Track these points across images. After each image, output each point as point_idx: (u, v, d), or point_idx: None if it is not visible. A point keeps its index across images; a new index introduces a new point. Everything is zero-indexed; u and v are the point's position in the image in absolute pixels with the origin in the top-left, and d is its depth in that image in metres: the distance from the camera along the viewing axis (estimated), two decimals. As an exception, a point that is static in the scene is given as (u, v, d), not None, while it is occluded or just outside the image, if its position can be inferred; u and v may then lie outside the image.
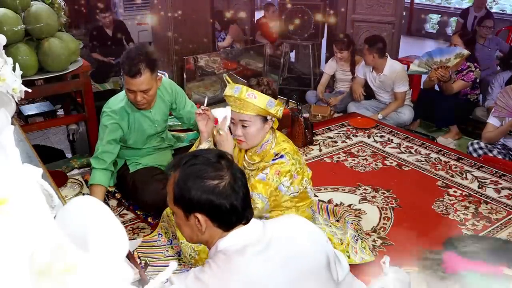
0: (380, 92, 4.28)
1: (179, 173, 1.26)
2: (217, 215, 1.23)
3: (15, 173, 0.42)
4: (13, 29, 2.24)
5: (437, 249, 2.11)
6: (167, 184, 1.31)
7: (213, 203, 1.21)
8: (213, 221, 1.23)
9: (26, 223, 0.38)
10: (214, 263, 1.21)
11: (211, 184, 1.21)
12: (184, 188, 1.22)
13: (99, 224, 0.43)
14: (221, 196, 1.21)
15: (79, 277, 0.38)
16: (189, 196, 1.22)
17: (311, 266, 1.25)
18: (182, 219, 1.28)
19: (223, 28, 5.94)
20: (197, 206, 1.22)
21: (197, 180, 1.22)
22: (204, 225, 1.23)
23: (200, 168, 1.24)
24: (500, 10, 8.28)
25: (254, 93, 1.94)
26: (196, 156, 1.29)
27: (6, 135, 0.47)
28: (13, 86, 1.05)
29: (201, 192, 1.21)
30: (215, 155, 1.29)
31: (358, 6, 4.85)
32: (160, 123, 2.63)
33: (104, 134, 2.48)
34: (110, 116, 2.48)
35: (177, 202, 1.26)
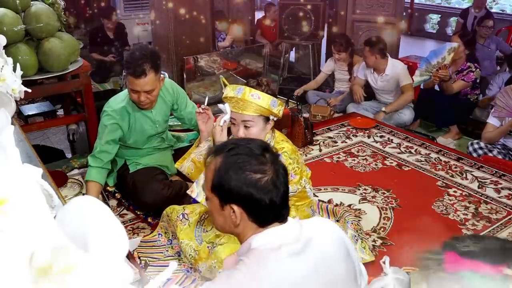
0: (382, 93, 4.28)
1: (221, 160, 1.21)
2: (255, 210, 1.19)
3: (15, 173, 0.42)
4: (13, 29, 2.24)
5: (437, 249, 2.11)
6: (206, 168, 1.26)
7: (253, 197, 1.17)
8: (249, 215, 1.19)
9: (26, 223, 0.38)
10: (247, 262, 1.16)
11: (253, 177, 1.17)
12: (225, 177, 1.18)
13: (99, 224, 0.43)
14: (262, 191, 1.17)
15: (79, 277, 0.38)
16: (228, 186, 1.17)
17: (341, 273, 1.22)
18: (216, 207, 1.23)
19: (223, 28, 5.94)
20: (236, 197, 1.18)
21: (239, 171, 1.17)
22: (239, 217, 1.19)
23: (244, 159, 1.19)
24: (500, 10, 8.28)
25: (257, 93, 1.94)
26: (240, 145, 1.24)
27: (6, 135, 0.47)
28: (13, 87, 1.05)
29: (242, 184, 1.16)
30: (260, 146, 1.24)
31: (358, 6, 4.85)
32: (161, 124, 2.64)
33: (103, 134, 2.49)
34: (111, 116, 2.48)
35: (215, 189, 1.22)
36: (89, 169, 2.51)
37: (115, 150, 2.54)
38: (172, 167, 2.73)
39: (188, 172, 2.30)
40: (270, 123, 2.03)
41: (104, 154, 2.50)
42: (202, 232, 2.26)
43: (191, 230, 2.27)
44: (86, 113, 2.73)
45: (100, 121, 2.55)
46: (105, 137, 2.48)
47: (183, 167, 2.30)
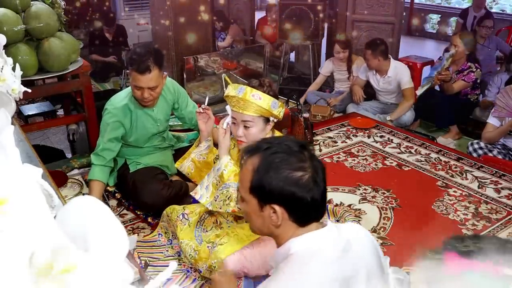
0: (384, 94, 4.29)
1: (259, 160, 1.17)
2: (296, 209, 1.15)
3: (15, 173, 0.42)
4: (13, 29, 2.24)
5: (437, 249, 2.11)
6: (242, 169, 1.22)
7: (295, 196, 1.13)
8: (290, 214, 1.16)
9: (26, 223, 0.38)
10: (288, 268, 1.12)
11: (295, 175, 1.13)
12: (265, 177, 1.14)
13: (99, 224, 0.43)
14: (304, 189, 1.13)
15: (79, 277, 0.38)
16: (270, 186, 1.14)
17: (375, 272, 1.20)
18: (255, 209, 1.19)
19: (223, 28, 5.94)
20: (277, 197, 1.14)
21: (280, 170, 1.14)
22: (281, 218, 1.15)
23: (283, 157, 1.16)
24: (500, 10, 8.27)
25: (258, 94, 1.94)
26: (276, 143, 1.20)
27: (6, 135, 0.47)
28: (13, 87, 1.05)
29: (284, 184, 1.13)
30: (297, 144, 1.21)
31: (358, 6, 4.85)
32: (162, 122, 2.64)
33: (105, 132, 2.50)
34: (112, 114, 2.49)
35: (254, 190, 1.17)
36: (92, 168, 2.51)
37: (118, 148, 2.55)
38: (172, 167, 2.73)
39: (188, 171, 2.30)
40: (270, 124, 2.03)
41: (107, 152, 2.50)
42: (202, 232, 2.26)
43: (191, 230, 2.26)
44: (86, 113, 2.73)
45: (101, 119, 2.56)
46: (108, 135, 2.49)
47: (183, 167, 2.30)
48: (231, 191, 1.98)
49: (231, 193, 1.98)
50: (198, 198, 2.08)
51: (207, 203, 2.06)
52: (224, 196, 1.99)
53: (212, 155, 2.27)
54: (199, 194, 2.09)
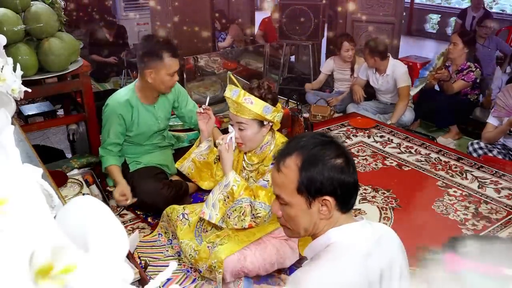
0: (383, 93, 4.29)
1: (301, 156, 1.17)
2: (346, 195, 1.17)
3: (15, 173, 0.42)
4: (13, 29, 2.23)
5: (437, 249, 2.11)
6: (279, 174, 1.21)
7: (345, 182, 1.15)
8: (339, 202, 1.17)
9: (26, 223, 0.38)
10: (330, 255, 1.14)
11: (338, 163, 1.16)
12: (315, 171, 1.14)
13: (99, 224, 0.43)
14: (348, 173, 1.16)
15: (79, 277, 0.38)
16: (321, 179, 1.14)
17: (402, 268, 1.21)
18: (301, 209, 1.18)
19: (223, 28, 5.94)
20: (329, 188, 1.14)
21: (325, 161, 1.15)
22: (332, 208, 1.16)
23: (321, 149, 1.17)
24: (500, 10, 8.27)
25: (251, 98, 1.94)
26: (308, 138, 1.22)
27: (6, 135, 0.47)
28: (13, 87, 1.05)
29: (333, 172, 1.14)
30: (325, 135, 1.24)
31: (358, 6, 4.85)
32: (162, 120, 2.66)
33: (109, 126, 2.54)
34: (113, 108, 2.52)
35: (302, 188, 1.16)
36: (103, 158, 2.59)
37: (122, 140, 2.60)
38: (172, 166, 2.74)
39: (188, 172, 2.30)
40: (266, 127, 2.04)
41: (113, 145, 2.57)
42: (202, 232, 2.26)
43: (191, 230, 2.27)
44: (86, 113, 2.73)
45: (103, 114, 2.59)
46: (111, 129, 2.54)
47: (183, 167, 2.31)
48: (245, 206, 1.97)
49: (245, 208, 1.97)
50: (207, 218, 2.07)
51: (218, 221, 2.05)
52: (238, 212, 1.99)
53: (212, 155, 2.27)
54: (207, 214, 2.08)
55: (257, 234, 2.10)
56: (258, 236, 2.10)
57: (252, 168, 2.14)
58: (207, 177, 2.30)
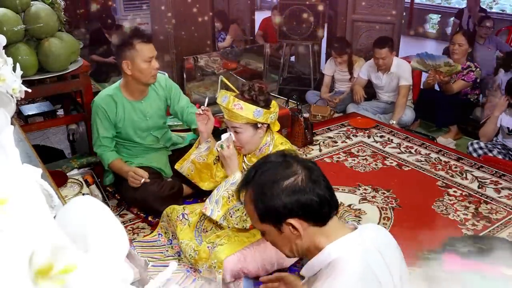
0: (385, 92, 4.29)
1: (252, 189, 1.17)
2: (310, 213, 1.13)
3: (15, 173, 0.42)
4: (13, 29, 2.23)
5: (437, 249, 2.11)
6: (245, 206, 1.22)
7: (301, 201, 1.11)
8: (307, 220, 1.13)
9: (26, 223, 0.38)
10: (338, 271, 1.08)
11: (289, 183, 1.12)
12: (265, 199, 1.13)
13: (99, 224, 0.43)
14: (305, 191, 1.12)
15: (79, 277, 0.38)
16: (273, 205, 1.12)
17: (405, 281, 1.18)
18: (275, 235, 1.17)
19: (223, 28, 5.94)
20: (286, 212, 1.12)
21: (274, 185, 1.13)
22: (301, 228, 1.13)
23: (271, 172, 1.15)
24: (500, 10, 8.27)
25: (240, 103, 1.95)
26: (260, 164, 1.20)
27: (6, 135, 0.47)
28: (13, 86, 1.05)
29: (284, 195, 1.11)
30: (278, 155, 1.22)
31: (358, 6, 4.85)
32: (153, 117, 2.64)
33: (95, 122, 2.55)
34: (97, 104, 2.54)
35: (264, 218, 1.16)
36: (103, 156, 2.59)
37: (113, 134, 2.60)
38: (167, 170, 2.73)
39: (188, 173, 2.30)
40: (262, 128, 2.04)
41: (105, 140, 2.57)
42: (202, 232, 2.26)
43: (191, 230, 2.27)
44: (86, 113, 2.73)
45: None
46: (98, 124, 2.55)
47: (183, 168, 2.31)
48: None
49: None
50: (209, 214, 2.08)
51: (219, 218, 2.06)
52: (241, 212, 2.00)
53: (212, 156, 2.27)
54: (209, 209, 2.08)
55: (257, 235, 2.10)
56: (258, 237, 2.10)
57: (252, 169, 2.14)
58: (207, 178, 2.30)
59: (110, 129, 2.57)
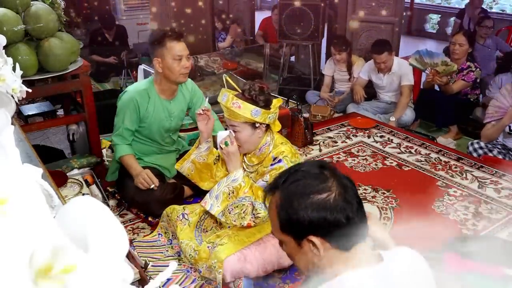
0: (386, 92, 4.29)
1: (280, 195, 1.09)
2: (334, 233, 1.04)
3: (15, 173, 0.42)
4: (13, 29, 2.23)
5: (437, 249, 2.11)
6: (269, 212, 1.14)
7: (328, 220, 1.03)
8: (330, 241, 1.04)
9: (26, 223, 0.38)
10: None
11: (320, 198, 1.04)
12: (290, 210, 1.05)
13: (99, 224, 0.43)
14: (335, 210, 1.03)
15: (79, 277, 0.38)
16: (297, 218, 1.04)
17: None
18: (294, 248, 1.09)
19: (223, 28, 5.94)
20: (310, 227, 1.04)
21: (304, 197, 1.04)
22: (322, 248, 1.04)
23: (303, 183, 1.07)
24: (500, 10, 8.27)
25: (238, 102, 1.95)
26: (294, 171, 1.12)
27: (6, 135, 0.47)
28: (13, 86, 1.05)
29: (311, 210, 1.03)
30: (315, 165, 1.12)
31: (358, 6, 4.85)
32: (175, 118, 2.66)
33: (124, 114, 2.55)
34: (132, 94, 2.54)
35: (285, 229, 1.08)
36: (118, 147, 2.59)
37: (135, 128, 2.60)
38: (172, 170, 2.74)
39: (188, 173, 2.30)
40: (260, 128, 2.04)
41: (127, 132, 2.57)
42: (202, 232, 2.26)
43: (191, 230, 2.27)
44: (86, 113, 2.73)
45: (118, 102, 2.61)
46: (126, 114, 2.55)
47: (183, 168, 2.31)
48: (247, 204, 1.99)
49: (247, 206, 1.99)
50: (208, 208, 2.08)
51: (218, 213, 2.05)
52: (240, 209, 2.00)
53: (212, 156, 2.27)
54: (208, 204, 2.08)
55: (257, 235, 2.10)
56: (259, 237, 2.10)
57: (252, 169, 2.14)
58: (207, 178, 2.30)
59: (135, 123, 2.58)
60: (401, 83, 4.10)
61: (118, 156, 2.59)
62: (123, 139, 2.58)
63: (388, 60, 4.09)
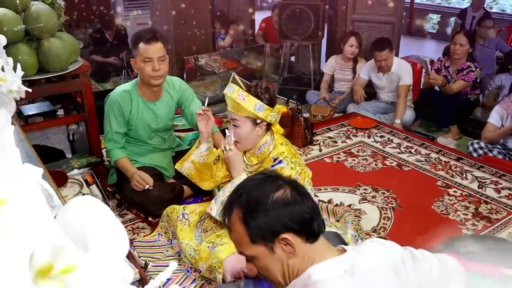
0: (385, 92, 4.28)
1: (240, 209, 1.11)
2: (303, 225, 1.08)
3: (15, 173, 0.42)
4: (13, 29, 2.23)
5: (437, 249, 2.11)
6: (230, 232, 1.16)
7: (294, 214, 1.07)
8: (300, 235, 1.08)
9: (26, 223, 0.38)
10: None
11: (279, 196, 1.09)
12: (256, 216, 1.08)
13: (99, 224, 0.43)
14: (295, 202, 1.09)
15: (79, 277, 0.38)
16: (266, 220, 1.07)
17: None
18: (267, 257, 1.10)
19: (223, 28, 5.94)
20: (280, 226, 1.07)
21: (265, 199, 1.08)
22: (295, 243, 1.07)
23: (257, 190, 1.11)
24: (500, 10, 8.27)
25: (243, 94, 1.96)
26: (243, 184, 1.16)
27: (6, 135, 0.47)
28: (11, 88, 1.05)
29: (277, 208, 1.07)
30: (260, 173, 1.20)
31: (358, 6, 4.85)
32: (163, 119, 2.65)
33: (109, 116, 2.56)
34: (113, 97, 2.55)
35: (256, 238, 1.09)
36: (111, 152, 2.59)
37: (125, 130, 2.60)
38: (170, 169, 2.74)
39: (188, 173, 2.30)
40: (261, 126, 2.04)
41: (117, 135, 2.58)
42: (202, 232, 2.26)
43: (191, 230, 2.27)
44: (86, 113, 2.72)
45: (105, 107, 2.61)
46: (112, 118, 2.56)
47: (183, 168, 2.31)
48: None
49: None
50: (214, 214, 2.09)
51: None
52: None
53: (212, 156, 2.27)
54: (214, 210, 2.10)
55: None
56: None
57: (252, 169, 2.14)
58: (207, 178, 2.30)
59: (123, 125, 2.58)
60: (399, 83, 4.10)
61: (113, 161, 2.60)
62: (115, 143, 2.58)
63: (389, 58, 4.08)
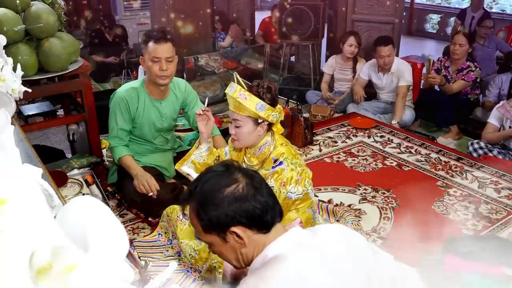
0: (385, 92, 4.28)
1: (195, 200, 1.17)
2: (253, 220, 1.13)
3: (15, 173, 0.42)
4: (13, 29, 2.23)
5: (437, 249, 2.11)
6: (190, 220, 1.23)
7: (243, 209, 1.12)
8: (251, 228, 1.13)
9: (26, 223, 0.38)
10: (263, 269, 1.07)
11: (230, 191, 1.13)
12: (207, 210, 1.13)
13: (99, 224, 0.43)
14: (246, 198, 1.13)
15: (79, 277, 0.38)
16: (215, 214, 1.12)
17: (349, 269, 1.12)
18: (220, 244, 1.17)
19: (223, 28, 5.94)
20: (229, 220, 1.12)
21: (216, 193, 1.13)
22: (245, 236, 1.13)
23: (212, 182, 1.16)
24: (500, 10, 8.27)
25: (245, 94, 1.95)
26: (202, 175, 1.21)
27: (6, 135, 0.47)
28: (13, 87, 1.05)
29: (226, 204, 1.12)
30: (220, 165, 1.23)
31: (358, 6, 4.85)
32: (167, 119, 2.65)
33: (115, 112, 2.56)
34: (120, 94, 2.56)
35: (208, 228, 1.15)
36: (115, 149, 2.59)
37: (129, 127, 2.61)
38: (171, 169, 2.74)
39: (188, 173, 2.31)
40: (262, 126, 2.04)
41: (122, 132, 2.58)
42: (202, 232, 2.26)
43: (191, 230, 2.26)
44: (86, 113, 2.72)
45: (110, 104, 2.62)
46: (118, 115, 2.56)
47: (183, 169, 2.31)
48: None
49: None
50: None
51: None
52: None
53: (212, 157, 2.27)
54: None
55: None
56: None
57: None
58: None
59: (129, 123, 2.58)
60: (399, 83, 4.10)
61: (117, 158, 2.59)
62: (120, 140, 2.58)
63: (391, 54, 4.08)
